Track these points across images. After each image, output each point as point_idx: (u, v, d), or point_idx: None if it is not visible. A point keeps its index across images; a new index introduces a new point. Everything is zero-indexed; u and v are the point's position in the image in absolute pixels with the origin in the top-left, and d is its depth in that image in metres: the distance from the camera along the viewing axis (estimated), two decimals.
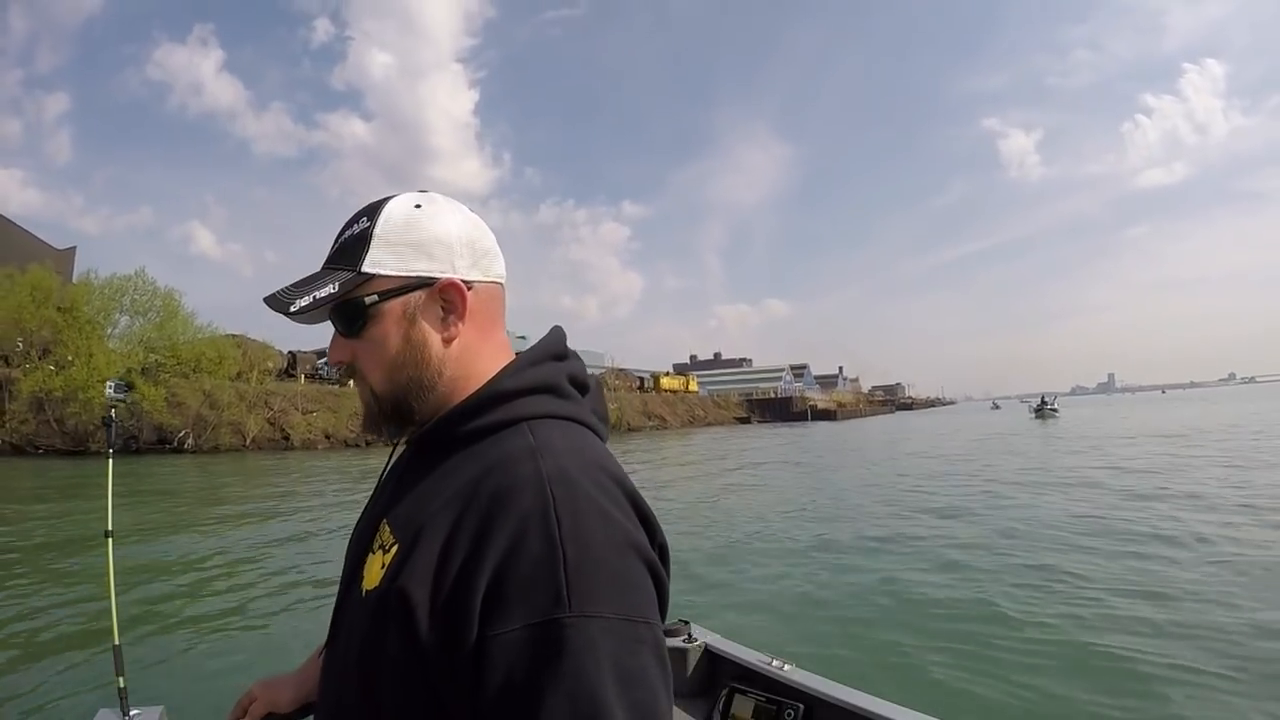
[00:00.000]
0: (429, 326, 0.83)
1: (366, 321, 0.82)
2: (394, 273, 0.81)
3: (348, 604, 0.83)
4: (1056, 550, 8.13)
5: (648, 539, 0.73)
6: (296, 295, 0.81)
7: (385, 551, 0.77)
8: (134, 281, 34.58)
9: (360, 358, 0.84)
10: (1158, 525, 9.24)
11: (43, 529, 9.68)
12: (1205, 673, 4.50)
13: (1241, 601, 5.83)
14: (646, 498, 0.77)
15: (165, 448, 31.15)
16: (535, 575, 0.64)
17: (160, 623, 5.57)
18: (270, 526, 10.36)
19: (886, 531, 9.64)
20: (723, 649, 2.34)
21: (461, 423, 0.81)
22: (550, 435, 0.77)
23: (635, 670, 0.64)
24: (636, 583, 0.68)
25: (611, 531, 0.69)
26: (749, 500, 14.26)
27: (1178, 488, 12.52)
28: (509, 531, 0.66)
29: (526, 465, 0.71)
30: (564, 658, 0.61)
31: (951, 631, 5.38)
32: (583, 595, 0.64)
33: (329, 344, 0.87)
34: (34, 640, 5.14)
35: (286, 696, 1.17)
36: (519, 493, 0.69)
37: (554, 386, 0.84)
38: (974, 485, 14.78)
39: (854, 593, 6.56)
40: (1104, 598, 6.14)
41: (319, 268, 0.86)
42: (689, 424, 70.77)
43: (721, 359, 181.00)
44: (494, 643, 0.63)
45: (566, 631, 0.62)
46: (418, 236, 0.82)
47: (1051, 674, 4.57)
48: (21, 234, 50.43)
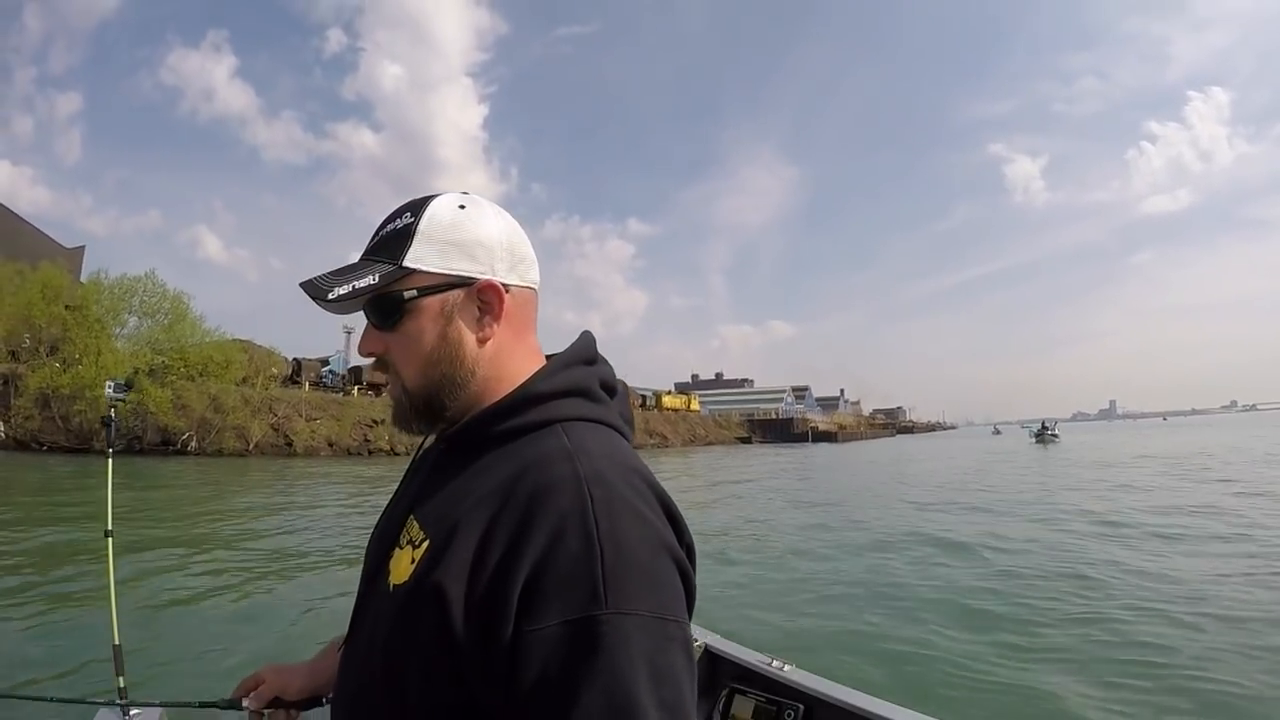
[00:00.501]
0: (465, 325, 0.84)
1: (403, 316, 0.83)
2: (435, 269, 0.83)
3: (371, 598, 0.83)
4: (1057, 558, 8.16)
5: (676, 539, 0.74)
6: (336, 283, 0.82)
7: (415, 547, 0.77)
8: (144, 283, 34.75)
9: (394, 351, 0.85)
10: (1147, 545, 9.19)
11: (43, 528, 9.66)
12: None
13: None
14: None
15: (169, 449, 31.15)
16: (573, 573, 0.65)
17: (161, 622, 5.55)
18: (272, 529, 10.35)
19: (886, 538, 9.62)
20: (723, 649, 2.33)
21: (495, 422, 0.82)
22: (584, 437, 0.78)
23: (666, 667, 0.65)
24: (668, 581, 0.70)
25: (645, 532, 0.70)
26: (749, 511, 14.20)
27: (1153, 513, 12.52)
28: (548, 529, 0.68)
29: (564, 466, 0.73)
30: (600, 653, 0.63)
31: (952, 631, 5.40)
32: (619, 593, 0.65)
33: (361, 335, 0.88)
34: (33, 639, 5.12)
35: (296, 684, 1.17)
36: (557, 492, 0.70)
37: (586, 390, 0.85)
38: (974, 501, 14.69)
39: (855, 594, 6.53)
40: (1100, 600, 6.18)
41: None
42: (690, 442, 70.57)
43: (723, 379, 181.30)
44: (531, 637, 0.64)
45: (603, 628, 0.63)
46: (461, 236, 0.84)
47: (1051, 673, 4.59)
48: (32, 231, 50.86)
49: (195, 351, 34.85)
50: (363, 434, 37.59)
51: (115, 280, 34.60)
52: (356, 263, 0.85)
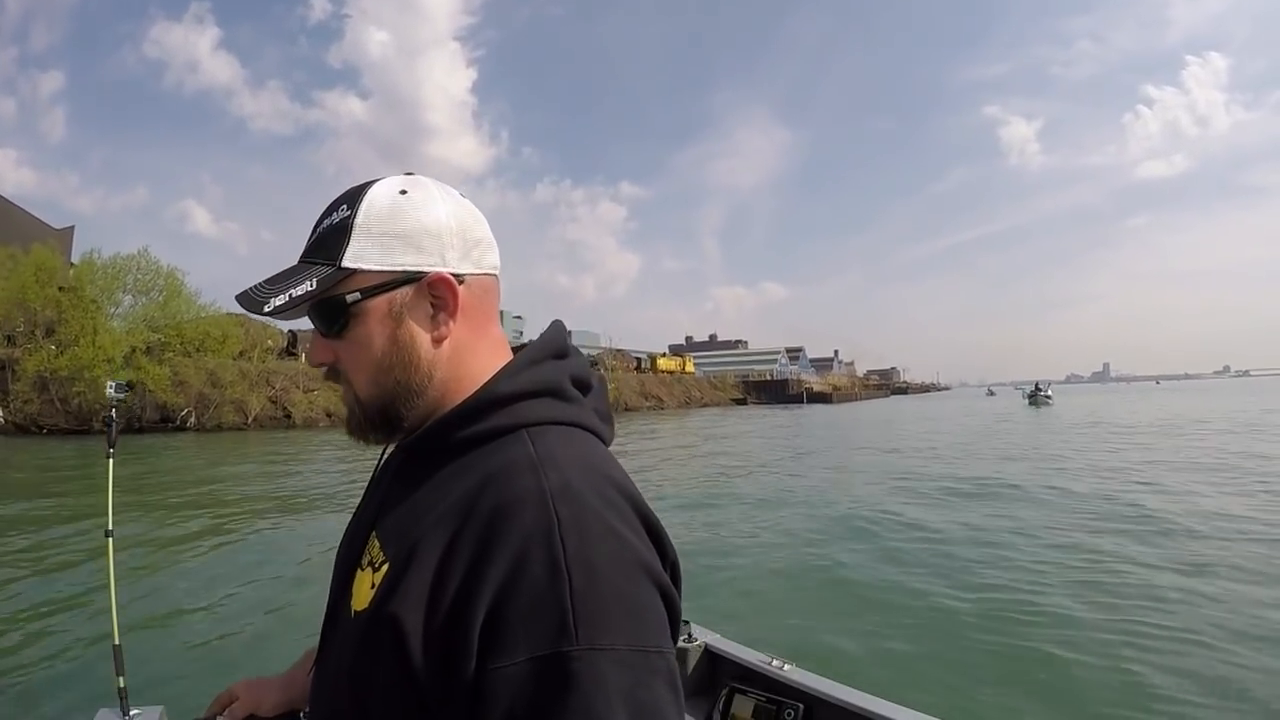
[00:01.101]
0: (417, 325, 0.76)
1: (349, 321, 0.75)
2: (377, 267, 0.74)
3: (336, 622, 0.77)
4: (1052, 542, 8.08)
5: (658, 557, 0.67)
6: (270, 294, 0.74)
7: (375, 569, 0.71)
8: (137, 261, 34.50)
9: (343, 359, 0.78)
10: (1140, 509, 9.31)
11: (43, 525, 9.63)
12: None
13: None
14: (649, 476, 0.72)
15: (168, 426, 31.19)
16: (539, 603, 0.59)
17: (161, 622, 5.50)
18: (275, 519, 10.30)
19: (884, 526, 9.63)
20: (723, 649, 2.34)
21: (455, 429, 0.75)
22: (552, 444, 0.71)
23: (649, 704, 0.58)
24: (648, 608, 0.63)
25: (621, 553, 0.63)
26: (745, 483, 14.26)
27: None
28: (510, 554, 0.61)
29: (528, 479, 0.65)
30: (572, 695, 0.56)
31: (952, 631, 5.34)
32: (591, 625, 0.58)
33: (310, 343, 0.82)
34: (33, 639, 5.09)
35: (271, 699, 1.13)
36: (520, 510, 0.63)
37: (555, 389, 0.77)
38: (972, 468, 14.82)
39: (855, 593, 6.55)
40: (1100, 590, 6.13)
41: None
42: (685, 405, 70.85)
43: (717, 340, 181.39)
44: (495, 676, 0.58)
45: (574, 665, 0.57)
46: (404, 226, 0.75)
47: (1051, 672, 4.55)
48: (21, 214, 50.22)
49: (192, 327, 34.76)
50: None
51: (108, 260, 34.34)
52: (293, 267, 0.77)
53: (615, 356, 73.57)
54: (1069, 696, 4.22)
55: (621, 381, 61.44)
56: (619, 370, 68.14)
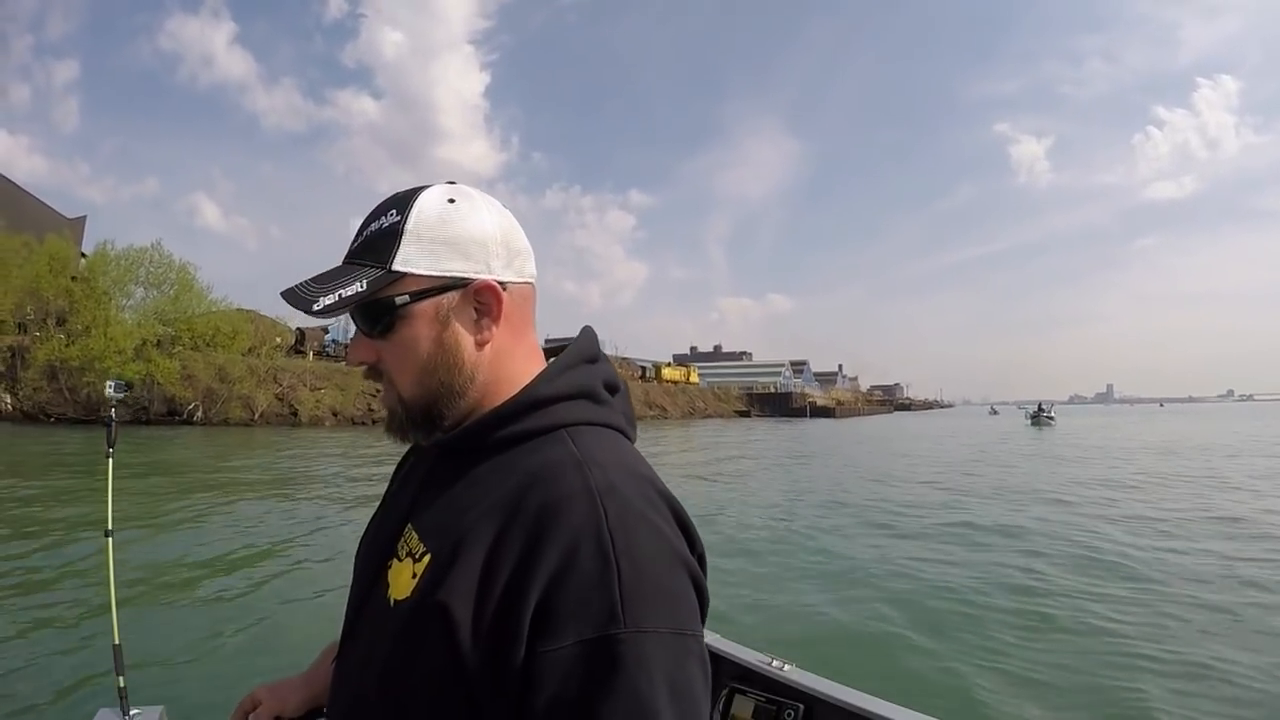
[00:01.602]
0: (462, 329, 0.78)
1: (395, 323, 0.77)
2: (427, 272, 0.77)
3: (368, 611, 0.79)
4: (1054, 551, 8.11)
5: (689, 549, 0.72)
6: (320, 293, 0.76)
7: (415, 560, 0.74)
8: (150, 254, 34.74)
9: (387, 360, 0.79)
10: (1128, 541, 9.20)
11: (43, 523, 9.63)
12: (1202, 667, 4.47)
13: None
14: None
15: (175, 419, 31.31)
16: (590, 592, 0.63)
17: (161, 622, 5.47)
18: (276, 518, 10.29)
19: (886, 529, 9.61)
20: (722, 649, 2.29)
21: (497, 429, 0.78)
22: (591, 444, 0.75)
23: (684, 683, 0.64)
24: (684, 596, 0.68)
25: (661, 546, 0.68)
26: (746, 492, 14.22)
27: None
28: (561, 547, 0.65)
29: (574, 477, 0.69)
30: (619, 673, 0.61)
31: (953, 631, 5.36)
32: (637, 611, 0.63)
33: (350, 341, 0.83)
34: (33, 639, 5.06)
35: (294, 700, 1.11)
36: (570, 506, 0.67)
37: (590, 392, 0.82)
38: (971, 486, 14.75)
39: (855, 592, 6.52)
40: (1097, 596, 6.12)
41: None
42: (689, 415, 70.90)
43: (721, 351, 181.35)
44: (545, 659, 0.62)
45: (621, 648, 0.61)
46: (452, 234, 0.77)
47: (1051, 670, 4.55)
48: (34, 202, 50.64)
49: (203, 321, 34.91)
50: (367, 403, 37.72)
51: (121, 251, 34.56)
52: (341, 267, 0.79)
53: (620, 365, 73.65)
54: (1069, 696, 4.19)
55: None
56: (624, 378, 68.10)
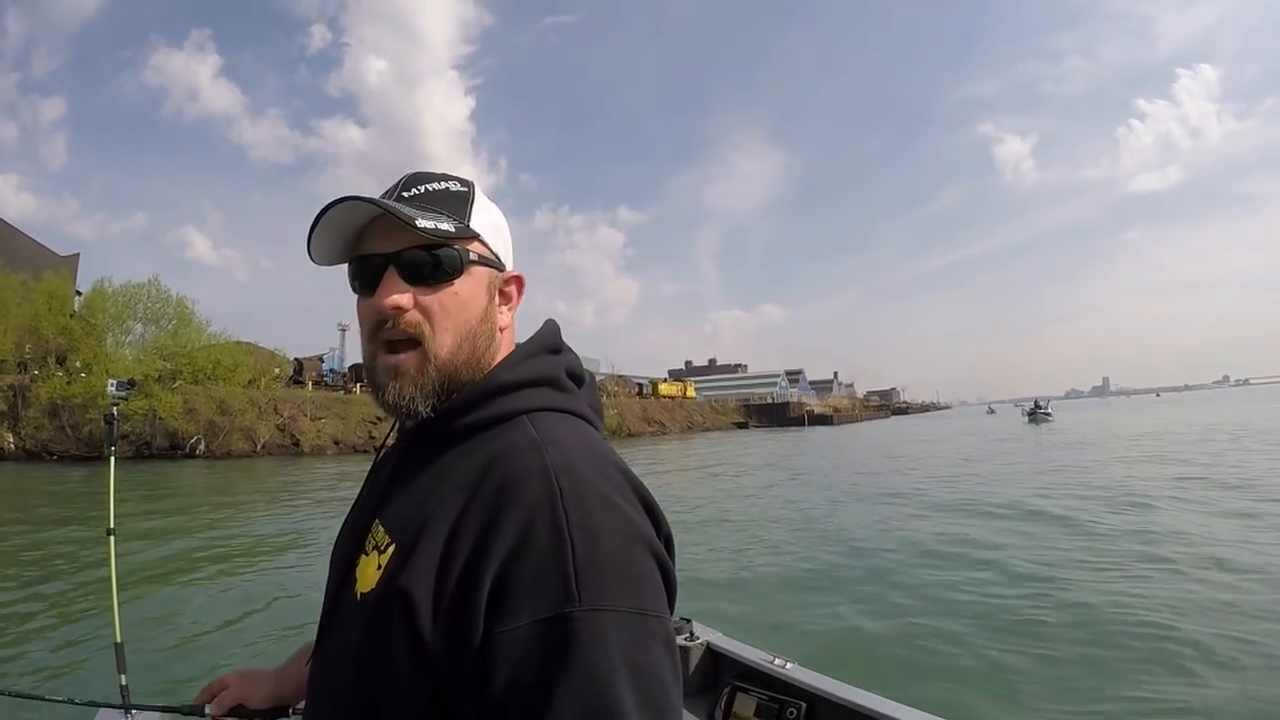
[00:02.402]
0: (496, 307, 0.81)
1: (457, 275, 0.77)
2: (491, 244, 0.81)
3: (339, 608, 0.77)
4: (1055, 550, 8.06)
5: (654, 530, 0.70)
6: (419, 215, 0.74)
7: (380, 552, 0.72)
8: (147, 289, 34.60)
9: (436, 313, 0.76)
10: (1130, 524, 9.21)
11: (48, 528, 9.62)
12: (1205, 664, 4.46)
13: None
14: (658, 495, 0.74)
15: (177, 454, 31.11)
16: (544, 568, 0.61)
17: (163, 621, 5.50)
18: (276, 528, 10.32)
19: (887, 529, 9.59)
20: (725, 647, 2.32)
21: (459, 416, 0.77)
22: (552, 428, 0.74)
23: (646, 664, 0.61)
24: (645, 575, 0.65)
25: (619, 523, 0.66)
26: (749, 498, 14.19)
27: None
28: (516, 524, 0.63)
29: (531, 457, 0.69)
30: (574, 652, 0.58)
31: (954, 631, 5.33)
32: (592, 588, 0.61)
33: (378, 288, 0.76)
34: (35, 638, 5.08)
35: (262, 692, 1.13)
36: (525, 484, 0.66)
37: (552, 379, 0.81)
38: (970, 482, 14.75)
39: (855, 593, 6.51)
40: (1096, 595, 6.09)
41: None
42: (688, 429, 70.53)
43: (717, 365, 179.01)
44: (502, 639, 0.60)
45: (576, 625, 0.59)
46: (499, 222, 0.83)
47: (1051, 670, 4.53)
48: (27, 241, 50.38)
49: (203, 355, 34.78)
50: (367, 431, 37.54)
51: (119, 287, 34.44)
52: (410, 201, 0.77)
53: (617, 382, 73.39)
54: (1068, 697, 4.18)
55: (625, 407, 61.16)
56: (622, 396, 67.97)
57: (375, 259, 0.76)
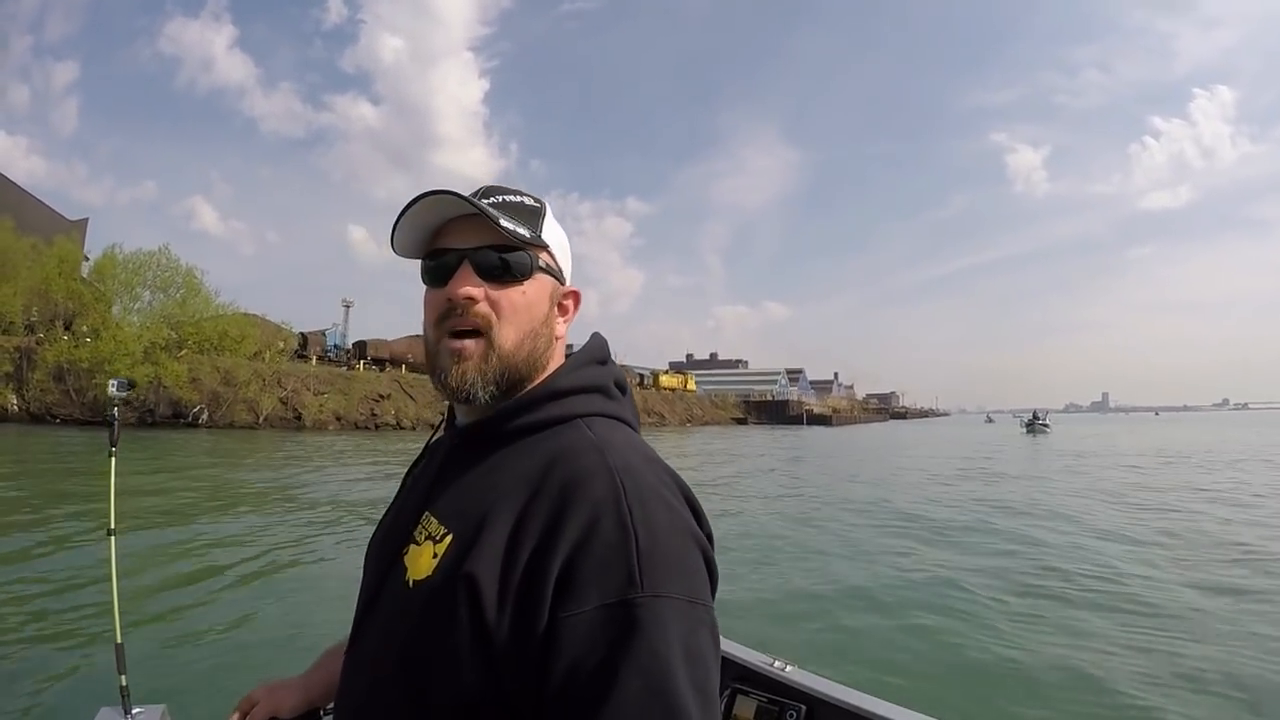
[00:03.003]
0: (555, 316, 0.88)
1: (527, 278, 0.83)
2: (557, 257, 0.88)
3: (384, 598, 0.80)
4: (1058, 558, 8.07)
5: (700, 528, 0.76)
6: (502, 215, 0.81)
7: (435, 541, 0.76)
8: (157, 258, 34.67)
9: (504, 308, 0.82)
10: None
11: (46, 522, 9.58)
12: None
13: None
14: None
15: (180, 422, 31.21)
16: (609, 558, 0.66)
17: (163, 620, 5.41)
18: (279, 520, 10.26)
19: (887, 532, 9.58)
20: (724, 649, 2.27)
21: (517, 417, 0.82)
22: (606, 432, 0.80)
23: (698, 649, 0.66)
24: (696, 567, 0.71)
25: (674, 519, 0.72)
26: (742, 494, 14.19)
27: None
28: (583, 517, 0.68)
29: (594, 457, 0.74)
30: (637, 635, 0.63)
31: (954, 632, 5.34)
32: (653, 577, 0.66)
33: (453, 278, 0.81)
34: (35, 638, 5.01)
35: (291, 701, 1.12)
36: (591, 481, 0.71)
37: (603, 387, 0.87)
38: (973, 495, 14.74)
39: (856, 594, 6.50)
40: (1095, 600, 6.11)
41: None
42: (687, 422, 70.77)
43: (718, 359, 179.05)
44: (568, 622, 0.65)
45: (640, 611, 0.64)
46: (564, 241, 0.90)
47: (1051, 672, 4.53)
48: (36, 204, 50.29)
49: (211, 325, 34.83)
50: (369, 408, 37.68)
51: (130, 255, 34.54)
52: (486, 208, 0.81)
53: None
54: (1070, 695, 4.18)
55: None
56: None
57: (453, 253, 0.82)
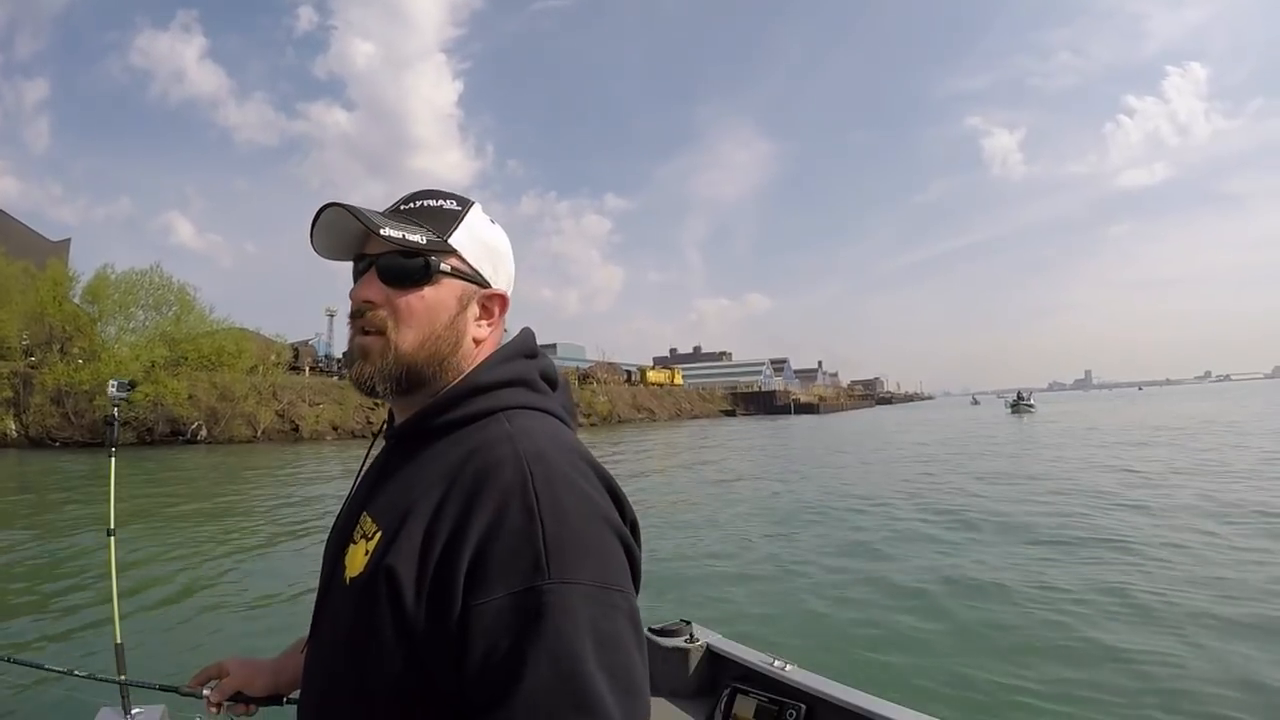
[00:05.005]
0: (470, 319, 0.86)
1: (427, 282, 0.83)
2: (469, 259, 0.86)
3: (329, 596, 0.82)
4: (1054, 545, 8.05)
5: (619, 514, 0.74)
6: (386, 224, 0.80)
7: (368, 539, 0.77)
8: (150, 276, 34.38)
9: (401, 311, 0.82)
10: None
11: (47, 525, 9.51)
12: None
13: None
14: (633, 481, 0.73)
15: (178, 439, 30.95)
16: (516, 545, 0.66)
17: (163, 621, 5.40)
18: (276, 521, 10.24)
19: (885, 531, 9.57)
20: (724, 649, 2.27)
21: (441, 414, 0.82)
22: (525, 422, 0.79)
23: (611, 634, 0.66)
24: (610, 553, 0.70)
25: (585, 505, 0.71)
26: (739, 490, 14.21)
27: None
28: (491, 505, 0.68)
29: (506, 447, 0.74)
30: (544, 621, 0.63)
31: (954, 632, 5.30)
32: (561, 563, 0.65)
33: (359, 282, 0.85)
34: (35, 638, 4.99)
35: (261, 681, 1.13)
36: (500, 470, 0.71)
37: (527, 380, 0.86)
38: (959, 477, 14.80)
39: (856, 594, 6.48)
40: (1095, 594, 6.08)
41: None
42: (676, 416, 70.66)
43: (701, 352, 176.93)
44: (477, 611, 0.65)
45: (546, 597, 0.64)
46: (491, 242, 0.89)
47: (1050, 670, 4.50)
48: (18, 226, 49.61)
49: (208, 341, 34.55)
50: (365, 417, 37.48)
51: (122, 274, 34.20)
52: (398, 214, 0.85)
53: (607, 369, 73.37)
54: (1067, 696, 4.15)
55: (614, 394, 61.38)
56: (612, 383, 68.00)
57: (365, 258, 0.84)
